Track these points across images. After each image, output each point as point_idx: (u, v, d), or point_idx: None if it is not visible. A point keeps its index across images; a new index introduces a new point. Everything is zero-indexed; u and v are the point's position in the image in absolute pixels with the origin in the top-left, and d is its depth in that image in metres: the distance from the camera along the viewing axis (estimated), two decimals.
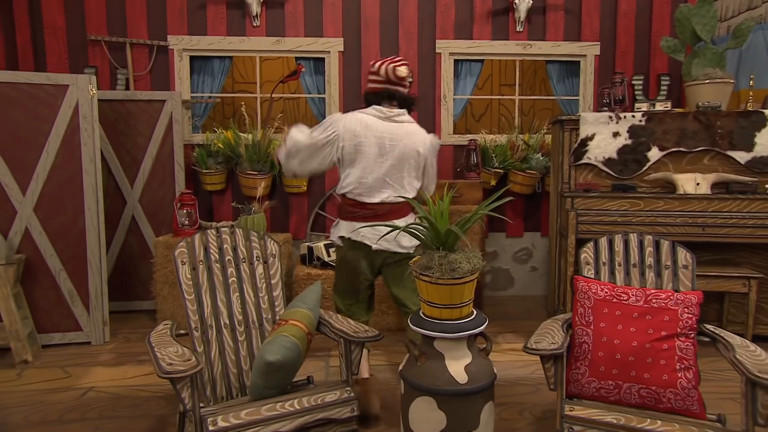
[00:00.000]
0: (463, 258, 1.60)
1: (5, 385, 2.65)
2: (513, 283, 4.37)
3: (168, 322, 2.00)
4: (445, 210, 1.66)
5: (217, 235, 2.20)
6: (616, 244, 2.16)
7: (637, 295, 1.90)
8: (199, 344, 2.00)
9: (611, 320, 1.88)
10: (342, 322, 1.94)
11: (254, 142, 3.91)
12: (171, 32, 4.01)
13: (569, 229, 3.04)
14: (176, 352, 1.60)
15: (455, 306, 1.62)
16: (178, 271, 2.05)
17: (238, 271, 2.17)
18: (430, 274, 1.60)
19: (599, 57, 4.22)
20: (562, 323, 1.97)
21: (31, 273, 3.13)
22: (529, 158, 4.00)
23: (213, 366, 2.00)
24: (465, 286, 1.60)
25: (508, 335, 3.33)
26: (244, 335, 2.10)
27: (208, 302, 2.08)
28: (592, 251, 2.17)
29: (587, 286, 1.98)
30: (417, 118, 4.13)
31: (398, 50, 4.09)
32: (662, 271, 2.08)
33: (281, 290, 2.21)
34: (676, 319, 1.83)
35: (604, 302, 1.92)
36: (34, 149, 3.08)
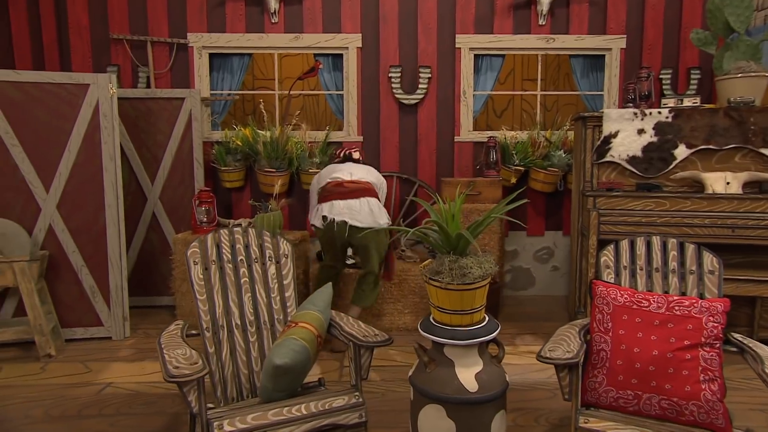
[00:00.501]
0: (475, 263, 1.55)
1: (30, 379, 2.72)
2: (534, 282, 4.28)
3: (180, 322, 2.01)
4: (456, 213, 1.61)
5: (229, 234, 2.19)
6: (638, 247, 2.08)
7: (658, 301, 1.82)
8: (210, 345, 2.00)
9: (631, 327, 1.81)
10: (352, 326, 1.91)
11: (272, 140, 3.91)
12: (191, 30, 4.04)
13: (590, 230, 2.94)
14: (184, 355, 1.59)
15: (466, 312, 1.57)
16: (191, 271, 2.05)
17: (251, 271, 2.16)
18: (440, 279, 1.55)
19: (625, 50, 4.08)
20: (579, 329, 1.90)
21: (54, 269, 3.19)
22: (550, 155, 3.89)
23: (224, 367, 1.99)
24: (476, 292, 1.55)
25: (527, 337, 3.26)
26: (256, 336, 2.09)
27: (219, 302, 2.08)
28: (613, 254, 2.09)
29: (606, 292, 1.90)
30: (436, 115, 4.09)
31: (417, 45, 4.03)
32: (686, 276, 1.99)
33: (293, 291, 2.20)
34: (700, 327, 1.74)
35: (624, 308, 1.84)
36: (57, 147, 3.13)
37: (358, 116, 4.10)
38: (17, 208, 3.12)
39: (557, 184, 3.97)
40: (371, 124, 4.11)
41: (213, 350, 2.00)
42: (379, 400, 2.42)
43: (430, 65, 4.03)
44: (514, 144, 3.93)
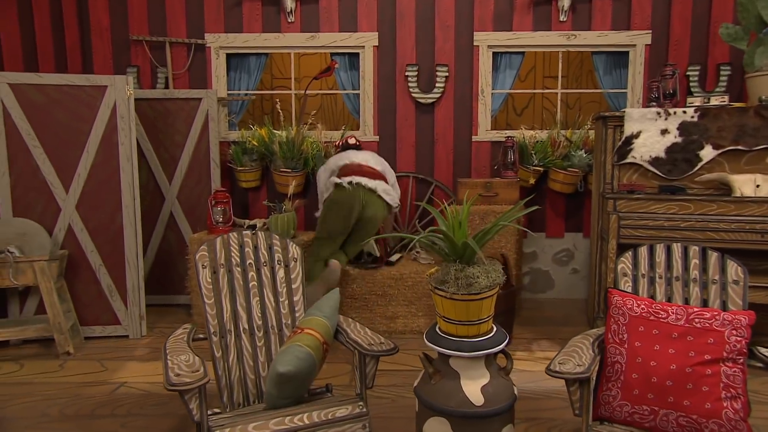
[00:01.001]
0: (482, 272, 1.50)
1: (48, 376, 2.77)
2: (553, 285, 4.19)
3: (188, 325, 2.00)
4: (463, 220, 1.55)
5: (238, 237, 2.18)
6: (657, 254, 1.99)
7: (677, 313, 1.74)
8: (217, 349, 1.99)
9: (647, 339, 1.73)
10: (358, 332, 1.88)
11: (288, 140, 3.90)
12: (208, 30, 4.05)
13: (610, 234, 2.85)
14: (187, 361, 1.59)
15: (472, 323, 1.52)
16: (199, 275, 2.05)
17: (259, 275, 2.15)
18: (445, 289, 1.50)
19: (650, 47, 3.94)
20: (593, 340, 1.83)
21: (73, 268, 3.25)
22: (570, 155, 3.79)
23: (230, 371, 1.98)
24: (483, 302, 1.50)
25: (543, 342, 3.18)
26: (263, 340, 2.08)
27: (227, 306, 2.07)
28: (631, 261, 2.01)
29: (622, 301, 1.83)
30: (453, 114, 4.02)
31: (434, 43, 3.97)
32: (709, 285, 1.89)
33: (302, 295, 2.18)
34: (722, 341, 1.65)
35: (640, 319, 1.77)
36: (76, 149, 3.18)
37: (374, 116, 4.06)
38: (38, 208, 3.18)
39: (577, 185, 3.86)
40: (387, 124, 4.07)
41: (220, 354, 1.99)
42: (388, 406, 2.39)
43: (448, 63, 3.96)
44: (533, 144, 3.84)
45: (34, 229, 3.07)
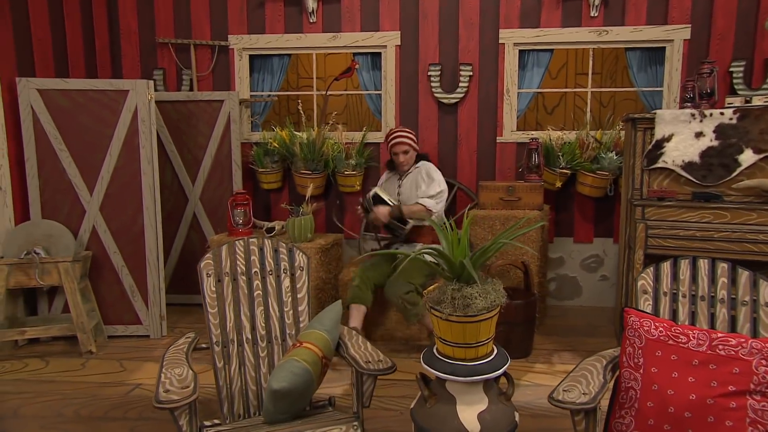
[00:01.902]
0: (480, 293, 1.41)
1: (70, 375, 2.85)
2: (580, 292, 4.02)
3: (191, 335, 2.00)
4: (463, 237, 1.47)
5: (244, 245, 2.16)
6: (682, 271, 1.85)
7: (699, 338, 1.60)
8: (219, 359, 1.98)
9: (665, 366, 1.60)
10: (358, 347, 1.82)
11: (309, 141, 3.88)
12: (231, 32, 4.07)
13: (637, 243, 2.69)
14: (180, 376, 1.57)
15: (470, 345, 1.44)
16: (203, 284, 2.04)
17: (264, 283, 2.12)
18: (441, 310, 1.43)
19: (689, 42, 3.70)
20: (606, 363, 1.71)
21: (98, 268, 3.33)
22: (600, 158, 3.61)
23: (232, 382, 1.97)
24: (480, 325, 1.42)
25: (565, 354, 3.04)
26: (266, 351, 2.05)
27: (231, 316, 2.05)
28: (652, 278, 1.88)
29: (639, 323, 1.70)
30: (477, 114, 3.90)
31: (458, 42, 3.85)
32: (738, 307, 1.74)
33: (307, 305, 2.14)
34: (749, 372, 1.51)
35: (658, 343, 1.64)
36: (99, 152, 3.25)
37: (396, 116, 3.99)
38: (65, 210, 3.27)
39: (607, 189, 3.68)
40: (410, 125, 3.98)
41: (221, 365, 1.98)
42: (396, 418, 2.33)
43: (472, 62, 3.84)
44: (560, 145, 3.68)
45: (60, 231, 3.15)
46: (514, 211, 3.30)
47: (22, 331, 3.00)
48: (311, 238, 3.40)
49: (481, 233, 3.26)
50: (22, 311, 3.26)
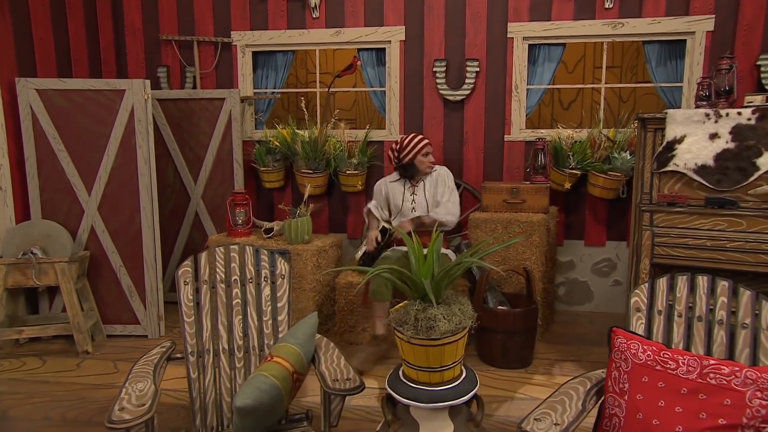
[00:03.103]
0: (444, 314, 1.34)
1: (64, 375, 2.89)
2: (592, 297, 3.88)
3: (166, 344, 1.99)
4: (430, 254, 1.40)
5: (225, 252, 2.13)
6: (679, 288, 1.74)
7: (689, 364, 1.49)
8: (193, 370, 1.96)
9: (651, 393, 1.50)
10: (330, 362, 1.77)
11: (311, 139, 3.83)
12: (234, 28, 4.04)
13: (642, 251, 2.56)
14: (141, 391, 1.55)
15: (434, 370, 1.37)
16: (180, 292, 2.02)
17: (244, 292, 2.09)
18: (403, 331, 1.36)
19: (712, 33, 3.50)
20: (590, 386, 1.62)
21: (96, 268, 3.36)
22: (612, 157, 3.46)
23: (206, 394, 1.95)
24: (444, 348, 1.34)
25: (567, 365, 2.94)
26: (243, 361, 2.02)
27: (207, 325, 2.03)
28: (646, 294, 1.77)
29: (626, 345, 1.60)
30: (485, 112, 3.79)
31: (464, 36, 3.74)
32: (738, 330, 1.62)
33: (287, 314, 2.10)
34: (741, 404, 1.40)
35: (645, 368, 1.54)
36: (97, 152, 3.27)
37: (401, 114, 3.91)
38: (64, 210, 3.31)
39: (620, 190, 3.52)
40: (414, 122, 3.90)
41: (196, 376, 1.96)
42: None
43: (479, 58, 3.72)
44: (571, 144, 3.54)
45: (57, 231, 3.19)
46: (518, 214, 3.19)
47: (20, 331, 3.05)
48: (308, 240, 3.36)
49: (483, 236, 3.17)
50: (23, 310, 3.32)
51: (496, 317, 2.85)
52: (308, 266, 3.26)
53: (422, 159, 3.16)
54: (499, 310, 2.89)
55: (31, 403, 2.56)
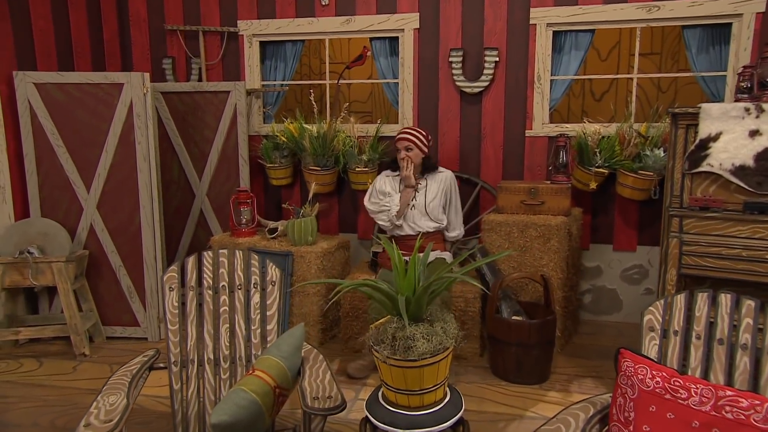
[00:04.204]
0: (424, 333, 1.29)
1: (59, 379, 2.96)
2: (620, 306, 3.76)
3: (149, 352, 2.00)
4: (413, 268, 1.35)
5: (213, 257, 2.13)
6: (698, 307, 1.65)
7: (703, 394, 1.41)
8: (176, 381, 1.97)
9: (659, 424, 1.43)
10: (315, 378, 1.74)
11: (320, 134, 3.81)
12: (241, 17, 4.05)
13: (669, 261, 2.45)
14: (111, 405, 1.56)
15: (413, 392, 1.33)
16: (164, 299, 2.03)
17: (232, 299, 2.09)
18: (380, 350, 1.33)
19: (763, 15, 3.32)
20: (594, 413, 1.55)
21: (96, 268, 3.43)
22: (643, 155, 3.32)
23: (188, 406, 1.95)
24: (424, 370, 1.30)
25: (587, 382, 2.85)
26: (228, 372, 2.02)
27: (192, 333, 2.04)
28: (661, 312, 1.69)
29: (633, 369, 1.52)
30: (504, 105, 3.69)
31: (483, 24, 3.65)
32: (763, 357, 1.53)
33: (276, 323, 2.09)
34: None
35: (653, 396, 1.46)
36: (96, 148, 3.33)
37: (414, 107, 3.85)
38: (63, 207, 3.39)
39: (652, 191, 3.38)
40: (429, 116, 3.84)
41: (178, 387, 1.97)
42: None
43: (498, 47, 3.63)
44: (597, 141, 3.42)
45: (55, 230, 3.27)
46: (536, 216, 3.10)
47: (17, 332, 3.14)
48: (312, 241, 3.35)
49: (498, 241, 3.09)
50: (23, 309, 3.42)
51: (510, 328, 2.78)
52: (312, 269, 3.25)
53: (398, 149, 3.14)
54: (513, 320, 2.82)
55: (23, 407, 2.63)
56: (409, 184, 3.09)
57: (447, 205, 3.18)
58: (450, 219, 3.18)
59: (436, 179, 3.15)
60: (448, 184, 3.16)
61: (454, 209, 3.20)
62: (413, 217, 3.10)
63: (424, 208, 3.08)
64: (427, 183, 3.15)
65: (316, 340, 3.32)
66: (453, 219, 3.19)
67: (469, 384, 2.81)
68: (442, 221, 3.13)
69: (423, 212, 3.08)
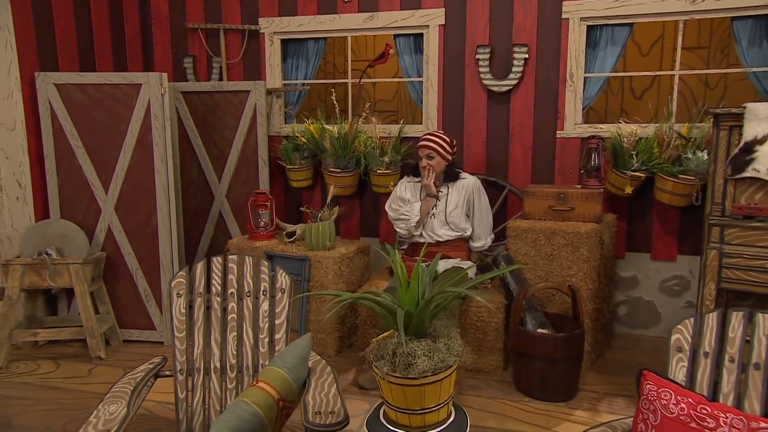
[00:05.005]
0: (425, 350, 1.27)
1: (74, 382, 3.05)
2: (658, 320, 3.64)
3: (156, 359, 2.03)
4: (416, 280, 1.33)
5: (222, 263, 2.16)
6: (732, 327, 1.57)
7: (733, 424, 1.34)
8: (181, 389, 2.00)
9: None
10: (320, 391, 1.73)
11: (341, 135, 3.82)
12: (263, 14, 4.10)
13: (707, 274, 2.35)
14: (111, 414, 1.59)
15: (414, 412, 1.31)
16: (172, 305, 2.06)
17: (240, 306, 2.11)
18: (379, 367, 1.31)
19: None
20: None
21: (113, 270, 3.53)
22: (684, 158, 3.21)
23: (193, 416, 1.98)
24: (425, 389, 1.28)
25: (618, 401, 2.76)
26: (235, 382, 2.04)
27: (199, 341, 2.06)
28: (690, 331, 1.62)
29: (656, 393, 1.47)
30: (534, 104, 3.63)
31: (512, 19, 3.59)
32: None
33: (285, 332, 2.10)
34: None
35: (677, 424, 1.40)
36: (114, 148, 3.42)
37: (439, 107, 3.82)
38: (82, 208, 3.49)
39: (693, 197, 3.26)
40: (454, 116, 3.80)
41: (184, 396, 2.00)
42: None
43: (528, 43, 3.56)
44: (634, 142, 3.31)
45: (73, 231, 3.37)
46: (564, 223, 3.03)
47: (35, 333, 3.25)
48: (330, 246, 3.36)
49: (523, 248, 3.04)
50: (42, 310, 3.54)
51: (534, 341, 2.73)
52: (329, 275, 3.26)
53: (420, 157, 3.13)
54: (538, 333, 2.76)
55: (37, 410, 2.72)
56: (430, 194, 3.06)
57: (471, 213, 3.13)
58: (474, 227, 3.14)
59: (458, 186, 3.11)
60: (470, 192, 3.12)
61: (478, 217, 3.14)
62: (432, 226, 3.08)
63: (445, 217, 3.05)
64: (449, 191, 3.12)
65: (334, 348, 3.33)
66: (477, 228, 3.15)
67: (490, 399, 2.76)
68: (464, 230, 3.10)
69: (443, 221, 3.05)
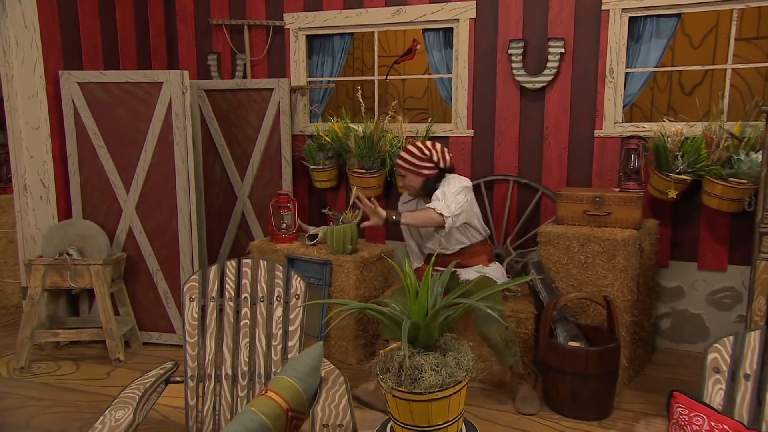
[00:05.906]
0: (433, 364, 1.26)
1: (92, 384, 3.15)
2: (706, 334, 3.51)
3: (167, 364, 2.07)
4: (424, 289, 1.32)
5: (236, 267, 2.19)
6: None
7: None
8: (191, 396, 2.04)
9: None
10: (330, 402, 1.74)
11: (366, 134, 3.83)
12: (287, 10, 4.14)
13: (756, 287, 2.26)
14: (117, 421, 1.63)
15: (421, 429, 1.30)
16: (184, 310, 2.10)
17: (253, 312, 2.14)
18: (385, 380, 1.30)
19: None
20: None
21: (134, 271, 3.62)
22: (735, 160, 3.09)
23: (203, 423, 2.01)
24: (432, 405, 1.27)
25: (656, 421, 2.67)
26: (246, 390, 2.07)
27: (211, 347, 2.10)
28: (730, 351, 1.56)
29: (687, 417, 1.41)
30: (570, 102, 3.55)
31: (547, 11, 3.53)
32: None
33: (298, 339, 2.11)
34: None
35: None
36: (135, 148, 3.51)
37: (469, 105, 3.79)
38: (103, 208, 3.60)
39: (746, 202, 3.13)
40: (485, 114, 3.76)
41: (194, 403, 2.03)
42: None
43: (564, 36, 3.50)
44: (679, 143, 3.21)
45: (95, 231, 3.48)
46: (600, 229, 2.95)
47: (56, 333, 3.37)
48: (352, 249, 3.37)
49: (555, 255, 2.98)
50: (63, 310, 3.66)
51: (565, 355, 2.67)
52: (351, 280, 3.27)
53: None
54: (569, 347, 2.70)
55: (54, 412, 2.81)
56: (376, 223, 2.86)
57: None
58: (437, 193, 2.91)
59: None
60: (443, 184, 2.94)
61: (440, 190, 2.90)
62: (440, 241, 3.04)
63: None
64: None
65: (355, 356, 3.33)
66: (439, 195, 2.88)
67: (516, 415, 2.72)
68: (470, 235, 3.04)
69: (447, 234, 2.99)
